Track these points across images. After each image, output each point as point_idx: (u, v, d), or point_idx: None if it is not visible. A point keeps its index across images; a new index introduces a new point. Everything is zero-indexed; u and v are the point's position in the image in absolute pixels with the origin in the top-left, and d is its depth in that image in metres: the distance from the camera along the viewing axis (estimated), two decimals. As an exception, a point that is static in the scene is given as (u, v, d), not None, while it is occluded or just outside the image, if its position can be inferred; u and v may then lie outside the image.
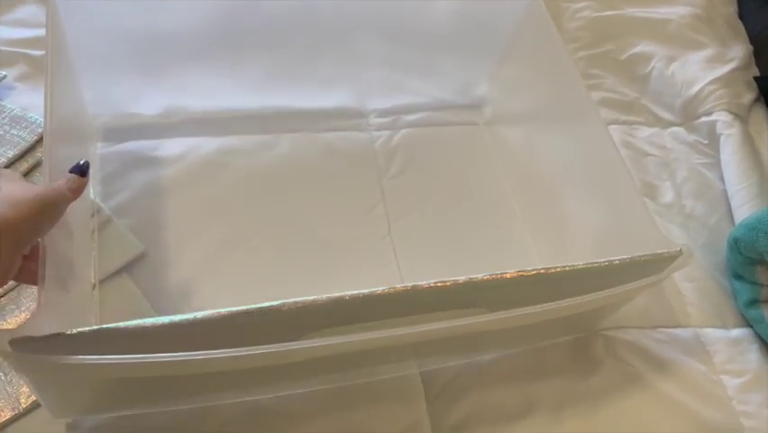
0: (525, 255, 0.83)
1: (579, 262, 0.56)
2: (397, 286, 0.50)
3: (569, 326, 0.73)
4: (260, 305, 0.48)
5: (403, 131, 0.91)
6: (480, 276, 0.53)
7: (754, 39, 1.05)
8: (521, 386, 0.70)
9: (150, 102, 0.86)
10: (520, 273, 0.54)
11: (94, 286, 0.67)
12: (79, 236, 0.53)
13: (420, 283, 0.51)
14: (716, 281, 0.82)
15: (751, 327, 0.79)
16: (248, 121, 0.88)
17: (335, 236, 0.80)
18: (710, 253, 0.84)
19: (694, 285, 0.81)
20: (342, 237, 0.80)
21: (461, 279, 0.52)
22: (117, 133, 0.83)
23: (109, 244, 0.69)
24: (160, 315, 0.66)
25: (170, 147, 0.84)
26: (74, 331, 0.43)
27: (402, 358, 0.66)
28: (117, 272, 0.68)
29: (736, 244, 0.77)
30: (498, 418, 0.68)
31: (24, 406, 0.61)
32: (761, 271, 0.77)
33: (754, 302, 0.78)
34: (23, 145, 0.72)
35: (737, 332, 0.79)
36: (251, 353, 0.47)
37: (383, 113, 0.92)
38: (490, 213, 0.86)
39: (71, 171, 0.52)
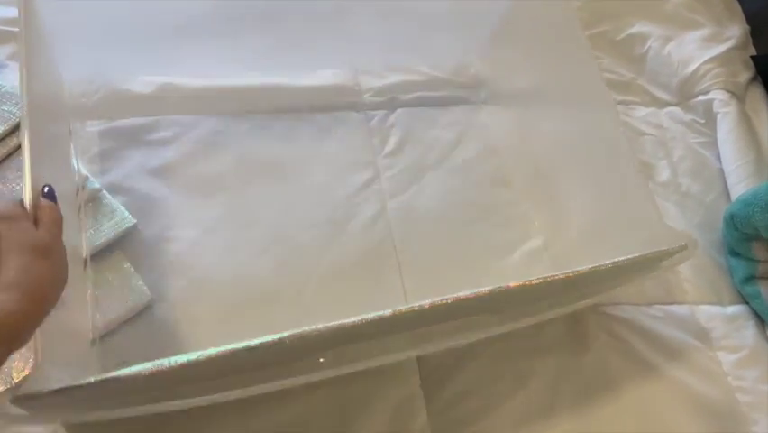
0: (525, 234, 0.82)
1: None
2: (401, 308, 0.50)
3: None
4: (262, 340, 0.46)
5: (399, 110, 0.91)
6: (484, 290, 0.52)
7: (750, 18, 1.05)
8: (515, 362, 0.70)
9: (144, 80, 0.85)
10: (524, 284, 0.53)
11: (85, 262, 0.66)
12: (67, 216, 0.52)
13: (423, 304, 0.50)
14: (712, 259, 0.82)
15: (747, 303, 0.78)
16: (243, 100, 0.87)
17: (331, 214, 0.79)
18: (707, 231, 0.84)
19: (690, 262, 0.80)
20: (337, 214, 0.79)
21: (464, 294, 0.51)
22: (112, 110, 0.82)
23: (100, 219, 0.68)
24: (151, 291, 0.67)
25: (165, 125, 0.83)
26: (79, 383, 0.43)
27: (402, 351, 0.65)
28: (109, 248, 0.68)
29: (732, 220, 0.77)
30: (491, 393, 0.68)
31: (17, 381, 0.60)
32: (757, 248, 0.76)
33: (750, 279, 0.77)
34: (13, 121, 0.71)
35: (733, 309, 0.78)
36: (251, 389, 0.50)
37: (378, 92, 0.92)
38: (487, 192, 0.86)
39: (45, 197, 0.49)
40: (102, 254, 0.67)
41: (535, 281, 0.54)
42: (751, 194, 0.75)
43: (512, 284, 0.53)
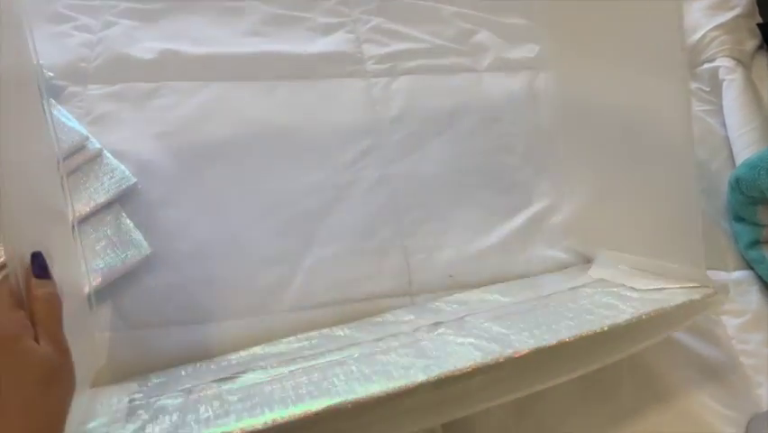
0: (527, 200, 0.81)
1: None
2: (422, 381, 0.51)
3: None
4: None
5: (401, 77, 0.90)
6: (500, 357, 0.53)
7: (757, -13, 1.04)
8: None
9: (145, 47, 0.85)
10: (535, 349, 0.54)
11: (73, 226, 0.65)
12: (47, 186, 0.51)
13: (444, 373, 0.51)
14: (717, 225, 0.81)
15: (751, 269, 0.78)
16: (245, 67, 0.87)
17: (332, 179, 0.79)
18: (712, 198, 0.83)
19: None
20: (339, 180, 0.79)
21: (482, 363, 0.53)
22: (112, 75, 0.82)
23: (101, 177, 0.68)
24: (152, 248, 0.66)
25: (166, 91, 0.83)
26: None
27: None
28: (110, 206, 0.67)
29: (737, 184, 0.76)
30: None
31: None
32: (762, 211, 0.76)
33: (755, 243, 0.77)
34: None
35: (738, 274, 0.78)
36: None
37: (381, 59, 0.91)
38: (489, 159, 0.85)
39: (36, 275, 0.43)
40: (102, 212, 0.67)
41: (548, 345, 0.54)
42: (757, 157, 0.74)
43: (524, 351, 0.54)
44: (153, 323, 0.64)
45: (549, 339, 0.55)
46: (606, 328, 0.56)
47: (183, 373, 0.60)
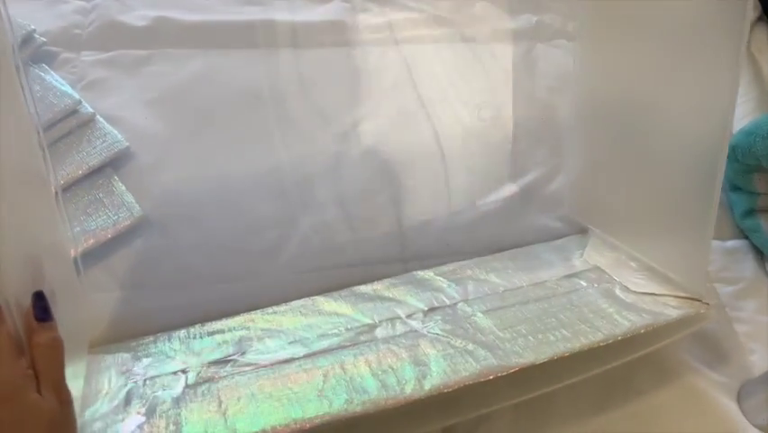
0: (523, 168, 0.81)
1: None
2: (416, 398, 0.53)
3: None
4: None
5: (397, 47, 0.89)
6: (496, 372, 0.55)
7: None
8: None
9: (139, 14, 0.85)
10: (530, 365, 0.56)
11: (57, 193, 0.65)
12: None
13: (438, 387, 0.54)
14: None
15: (746, 238, 0.77)
16: (239, 35, 0.86)
17: (328, 146, 0.78)
18: (708, 168, 0.82)
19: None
20: (334, 147, 0.78)
21: (476, 380, 0.54)
22: (106, 42, 0.82)
23: (93, 141, 0.68)
24: (144, 211, 0.66)
25: (160, 58, 0.82)
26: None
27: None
28: (102, 169, 0.67)
29: (733, 152, 0.76)
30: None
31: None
32: (758, 179, 0.75)
33: (750, 212, 0.77)
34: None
35: (733, 243, 0.78)
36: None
37: (377, 29, 0.90)
38: (486, 128, 0.84)
39: (38, 319, 0.42)
40: (94, 175, 0.67)
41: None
42: (753, 124, 0.74)
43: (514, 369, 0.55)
44: (145, 285, 0.64)
45: (544, 353, 0.57)
46: (601, 345, 0.58)
47: (177, 341, 0.60)
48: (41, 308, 0.42)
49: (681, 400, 0.65)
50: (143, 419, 0.51)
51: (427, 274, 0.69)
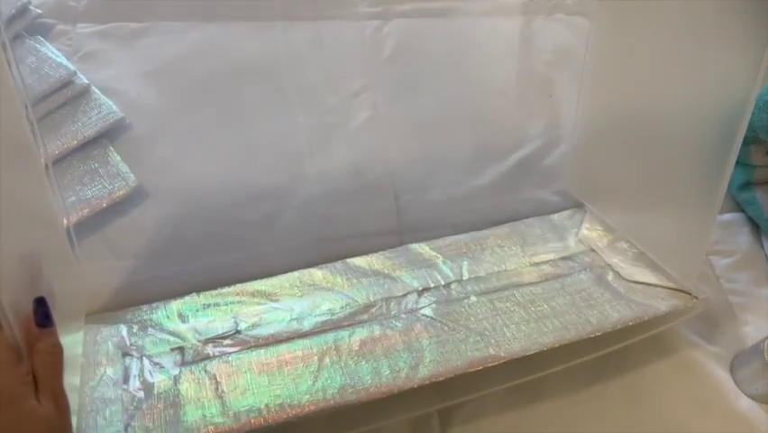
0: (519, 142, 0.81)
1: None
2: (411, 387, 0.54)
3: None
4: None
5: (394, 21, 0.89)
6: (487, 361, 0.56)
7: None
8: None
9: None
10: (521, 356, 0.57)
11: (47, 166, 0.65)
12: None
13: (433, 375, 0.55)
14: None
15: (742, 211, 0.77)
16: (235, 7, 0.86)
17: (323, 119, 0.78)
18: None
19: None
20: (329, 120, 0.78)
21: (467, 370, 0.55)
22: (102, 14, 0.82)
23: (88, 111, 0.68)
24: (140, 182, 0.66)
25: (155, 31, 0.82)
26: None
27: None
28: (97, 140, 0.67)
29: (729, 125, 0.75)
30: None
31: None
32: (754, 152, 0.75)
33: (746, 185, 0.76)
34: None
35: (728, 216, 0.77)
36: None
37: (373, 2, 0.90)
38: (482, 101, 0.84)
39: (39, 324, 0.42)
40: (89, 146, 0.67)
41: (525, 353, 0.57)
42: (750, 96, 0.73)
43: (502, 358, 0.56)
44: (140, 255, 0.64)
45: (535, 344, 0.57)
46: (590, 336, 0.59)
47: (174, 312, 0.60)
48: (42, 314, 0.42)
49: (675, 370, 0.65)
50: (141, 398, 0.52)
51: (423, 248, 0.69)
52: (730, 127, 0.53)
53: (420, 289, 0.64)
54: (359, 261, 0.67)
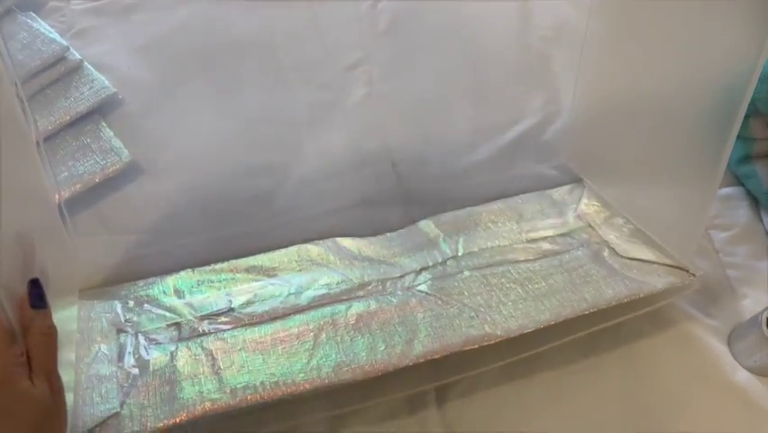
0: (518, 116, 0.80)
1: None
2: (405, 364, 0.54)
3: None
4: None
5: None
6: (483, 340, 0.55)
7: None
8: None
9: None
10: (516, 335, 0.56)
11: (38, 143, 0.64)
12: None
13: (428, 352, 0.54)
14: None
15: (741, 185, 0.77)
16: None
17: (319, 94, 0.78)
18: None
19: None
20: (326, 95, 0.78)
21: (462, 349, 0.55)
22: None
23: (81, 87, 0.67)
24: (133, 158, 0.66)
25: (149, 6, 0.82)
26: None
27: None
28: (90, 116, 0.67)
29: (729, 97, 0.75)
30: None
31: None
32: (754, 125, 0.74)
33: (746, 158, 0.76)
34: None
35: (727, 190, 0.77)
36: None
37: (370, -23, 0.89)
38: (481, 75, 0.84)
39: (33, 306, 0.42)
40: (82, 121, 0.66)
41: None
42: (749, 68, 0.73)
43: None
44: (134, 230, 0.64)
45: (531, 321, 0.57)
46: (585, 313, 0.59)
47: (169, 288, 0.60)
48: (36, 295, 0.42)
49: (673, 342, 0.65)
50: (136, 375, 0.52)
51: (428, 226, 0.68)
52: (732, 101, 0.52)
53: (419, 269, 0.63)
54: (356, 241, 0.66)
